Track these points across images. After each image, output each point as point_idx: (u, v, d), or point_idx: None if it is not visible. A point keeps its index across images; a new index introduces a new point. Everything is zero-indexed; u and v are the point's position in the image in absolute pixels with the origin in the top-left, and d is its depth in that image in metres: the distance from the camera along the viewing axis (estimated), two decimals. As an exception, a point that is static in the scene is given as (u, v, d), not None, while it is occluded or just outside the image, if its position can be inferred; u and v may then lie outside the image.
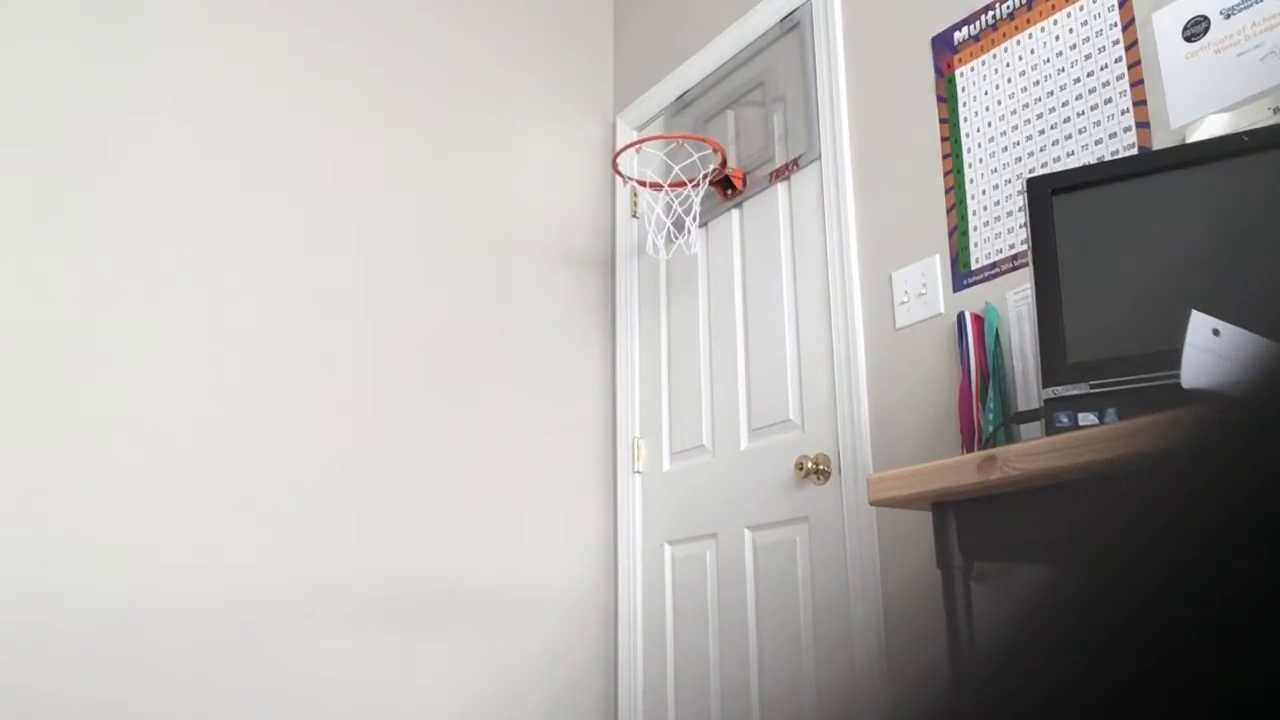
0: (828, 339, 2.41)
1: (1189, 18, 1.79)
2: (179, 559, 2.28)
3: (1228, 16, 1.73)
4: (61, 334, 2.24)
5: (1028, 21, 2.08)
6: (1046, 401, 1.46)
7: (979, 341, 1.91)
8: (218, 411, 2.40)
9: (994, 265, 2.05)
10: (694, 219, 2.76)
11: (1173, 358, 1.19)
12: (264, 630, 2.35)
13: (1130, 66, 1.88)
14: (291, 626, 2.39)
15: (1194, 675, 0.18)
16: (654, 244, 2.81)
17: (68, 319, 2.26)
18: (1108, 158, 1.87)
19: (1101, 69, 1.93)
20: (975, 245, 2.09)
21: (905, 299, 2.23)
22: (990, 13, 2.16)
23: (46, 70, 2.35)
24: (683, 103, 3.07)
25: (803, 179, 2.59)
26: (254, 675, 2.32)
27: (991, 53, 2.15)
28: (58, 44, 2.38)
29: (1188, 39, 1.79)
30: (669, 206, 2.79)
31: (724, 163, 2.71)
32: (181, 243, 2.44)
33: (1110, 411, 1.40)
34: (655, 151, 2.87)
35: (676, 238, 2.76)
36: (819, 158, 2.52)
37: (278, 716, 2.33)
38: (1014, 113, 2.08)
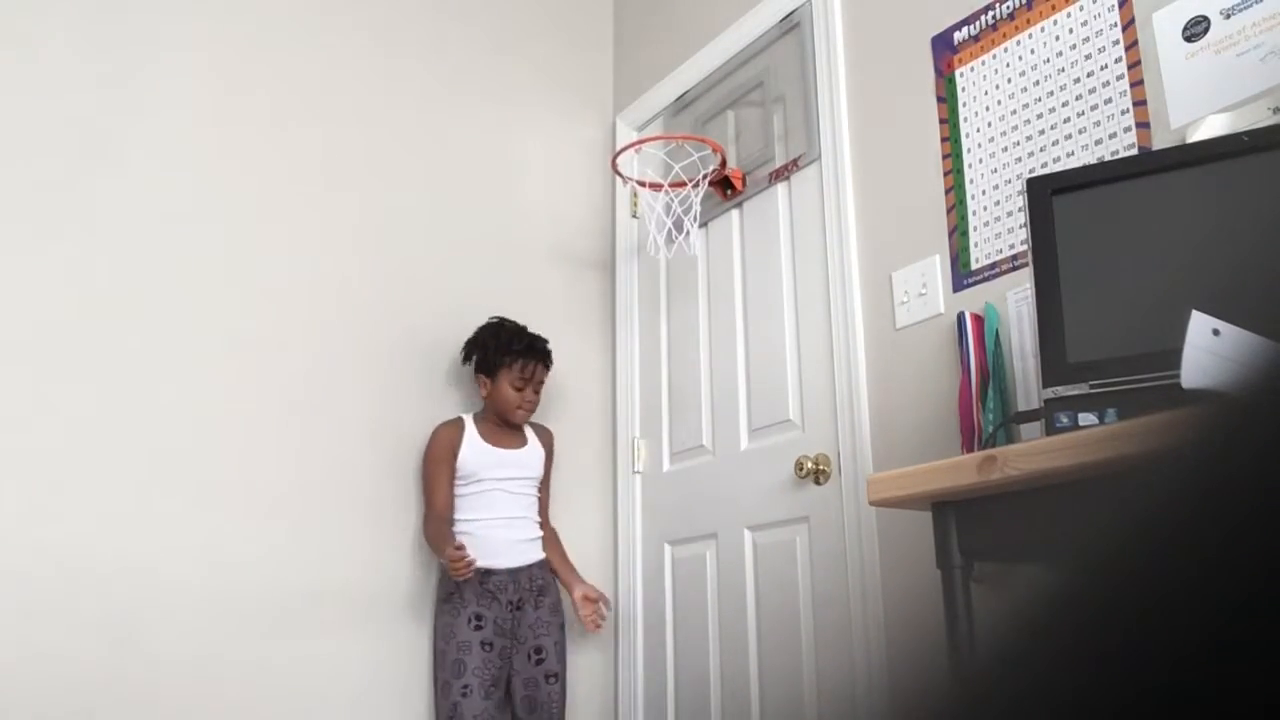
0: (828, 339, 2.41)
1: (1189, 18, 1.79)
2: (173, 560, 2.28)
3: (1228, 16, 1.73)
4: (55, 337, 2.24)
5: (1028, 21, 2.08)
6: (1046, 401, 1.46)
7: (979, 341, 1.91)
8: (213, 416, 2.40)
9: (994, 265, 2.05)
10: (694, 219, 2.76)
11: (1173, 358, 1.19)
12: (267, 631, 2.35)
13: (1130, 66, 1.88)
14: (295, 627, 2.39)
15: (1195, 677, 0.18)
16: (654, 242, 2.81)
17: (62, 322, 2.26)
18: (1108, 158, 1.87)
19: (1101, 69, 1.93)
20: (975, 245, 2.09)
21: (905, 299, 2.23)
22: (990, 13, 2.16)
23: (45, 76, 2.35)
24: (683, 103, 3.07)
25: (803, 179, 2.59)
26: (258, 678, 2.32)
27: (991, 53, 2.15)
28: (58, 47, 2.38)
29: (1188, 39, 1.78)
30: (669, 206, 2.79)
31: (724, 163, 2.71)
32: (177, 244, 2.44)
33: (1110, 411, 1.40)
34: (655, 151, 2.87)
35: (676, 238, 2.76)
36: (819, 158, 2.52)
37: (279, 717, 2.33)
38: (1014, 113, 2.08)
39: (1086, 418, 1.41)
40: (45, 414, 2.20)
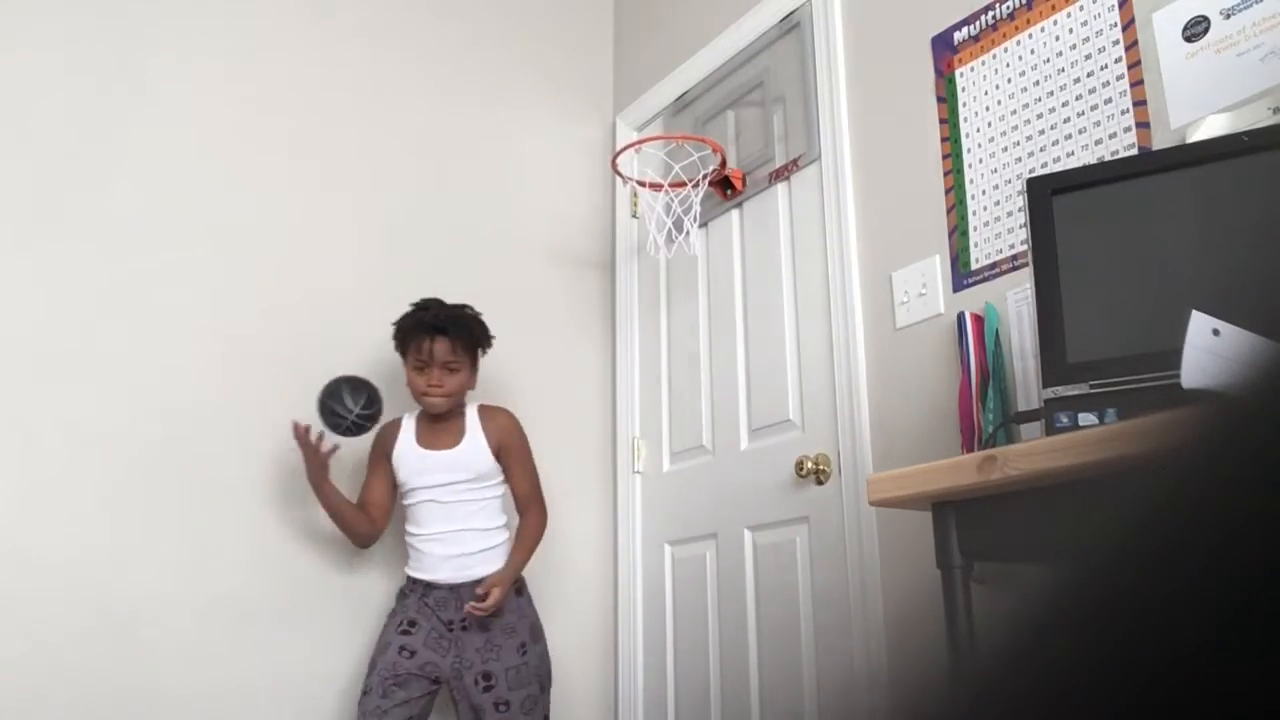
0: (828, 339, 2.41)
1: (1189, 18, 1.79)
2: (168, 562, 2.28)
3: (1228, 16, 1.73)
4: (39, 335, 2.25)
5: (1028, 21, 2.08)
6: (1046, 401, 1.46)
7: (979, 341, 1.91)
8: (208, 414, 2.40)
9: (994, 265, 2.05)
10: (694, 219, 2.76)
11: (1173, 358, 1.19)
12: (253, 632, 2.35)
13: (1130, 66, 1.88)
14: (282, 627, 2.38)
15: (1195, 677, 0.18)
16: (654, 242, 2.81)
17: (50, 322, 2.26)
18: (1108, 158, 1.87)
19: (1101, 69, 1.93)
20: (975, 245, 2.09)
21: (905, 299, 2.23)
22: (990, 13, 2.16)
23: (41, 73, 2.35)
24: (683, 103, 3.07)
25: (803, 179, 2.59)
26: (254, 676, 2.32)
27: (991, 53, 2.15)
28: (57, 44, 2.38)
29: (1188, 39, 1.78)
30: (669, 206, 2.79)
31: (724, 163, 2.71)
32: (173, 245, 2.44)
33: (1110, 411, 1.40)
34: (655, 151, 2.86)
35: (676, 238, 2.75)
36: (819, 158, 2.52)
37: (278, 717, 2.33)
38: (1014, 113, 2.08)
39: (1086, 418, 1.41)
40: (39, 414, 2.20)
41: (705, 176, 2.71)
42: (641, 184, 2.84)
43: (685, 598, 2.70)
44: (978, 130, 2.14)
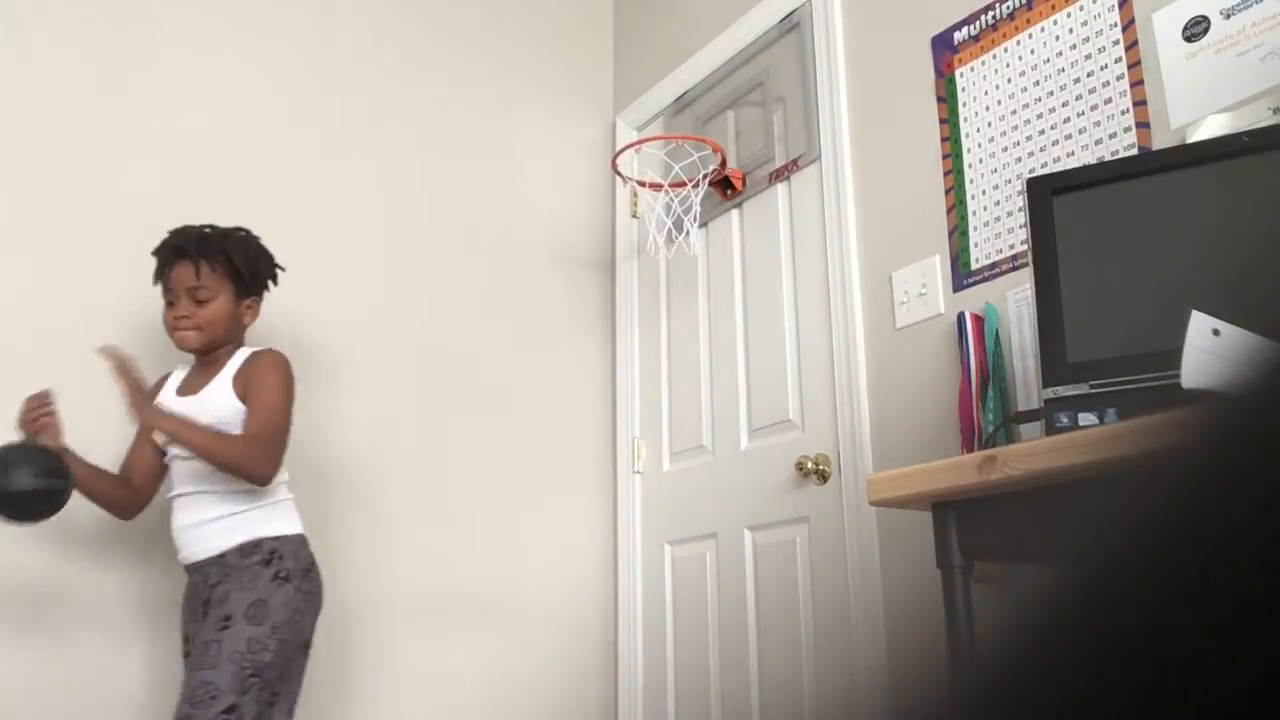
0: (828, 339, 2.41)
1: (1189, 18, 1.79)
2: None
3: (1228, 17, 1.73)
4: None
5: (1028, 21, 2.08)
6: (1046, 401, 1.46)
7: (979, 341, 1.91)
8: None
9: (994, 265, 2.05)
10: (694, 219, 2.76)
11: (1173, 358, 1.19)
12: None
13: (1130, 66, 1.88)
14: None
15: (1196, 677, 0.18)
16: (654, 242, 2.81)
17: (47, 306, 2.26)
18: (1108, 158, 1.87)
19: (1101, 69, 1.93)
20: (975, 245, 2.09)
21: (905, 299, 2.23)
22: (990, 13, 2.16)
23: (44, 69, 2.35)
24: (683, 103, 3.07)
25: (803, 179, 2.59)
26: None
27: (991, 53, 2.15)
28: (57, 31, 2.38)
29: (1188, 39, 1.78)
30: (669, 206, 2.79)
31: (724, 163, 2.71)
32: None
33: (1110, 411, 1.40)
34: (655, 151, 2.87)
35: (676, 238, 2.75)
36: (819, 158, 2.52)
37: None
38: (1014, 113, 2.08)
39: (1086, 418, 1.41)
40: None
41: (705, 176, 2.71)
42: (641, 184, 2.84)
43: (685, 598, 2.70)
44: (978, 130, 2.14)
